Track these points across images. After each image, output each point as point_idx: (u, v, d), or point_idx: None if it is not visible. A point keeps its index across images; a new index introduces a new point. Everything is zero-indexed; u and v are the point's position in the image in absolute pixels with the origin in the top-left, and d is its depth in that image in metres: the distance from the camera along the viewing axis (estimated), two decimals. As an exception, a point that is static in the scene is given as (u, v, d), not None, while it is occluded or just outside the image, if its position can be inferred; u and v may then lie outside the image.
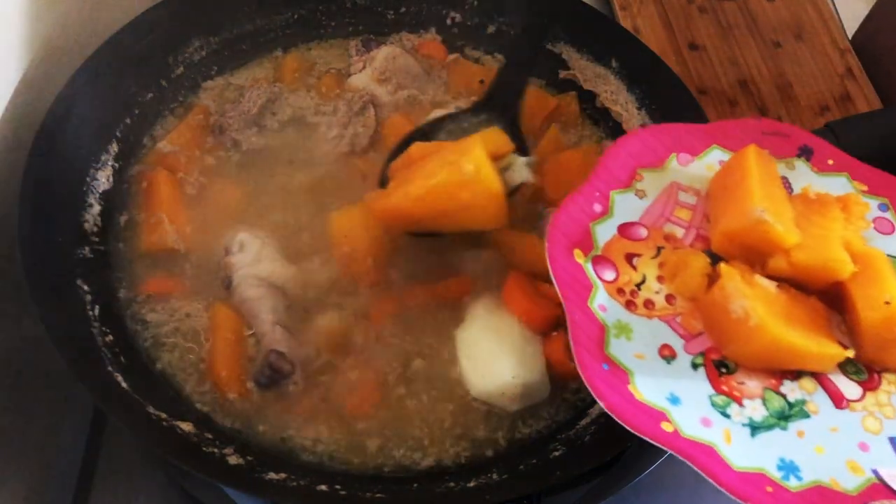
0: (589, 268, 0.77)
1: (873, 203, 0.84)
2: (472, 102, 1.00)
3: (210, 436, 0.80)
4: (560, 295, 0.74)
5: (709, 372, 0.73)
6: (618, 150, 0.84)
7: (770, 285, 0.75)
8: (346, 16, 1.11)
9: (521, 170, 0.89)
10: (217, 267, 0.90)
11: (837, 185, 0.86)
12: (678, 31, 1.36)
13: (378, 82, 1.05)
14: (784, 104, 1.28)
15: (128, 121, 0.98)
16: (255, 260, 0.88)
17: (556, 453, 0.81)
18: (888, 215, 0.84)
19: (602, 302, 0.75)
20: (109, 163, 0.95)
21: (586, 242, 0.78)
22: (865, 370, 0.75)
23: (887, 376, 0.75)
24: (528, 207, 0.96)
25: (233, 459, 0.78)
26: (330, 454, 0.82)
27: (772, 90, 1.30)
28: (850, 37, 1.38)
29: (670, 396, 0.70)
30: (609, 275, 0.77)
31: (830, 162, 0.87)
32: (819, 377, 0.74)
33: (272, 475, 0.77)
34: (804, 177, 0.86)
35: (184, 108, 1.03)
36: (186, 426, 0.79)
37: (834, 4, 1.42)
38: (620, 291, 0.76)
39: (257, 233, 0.91)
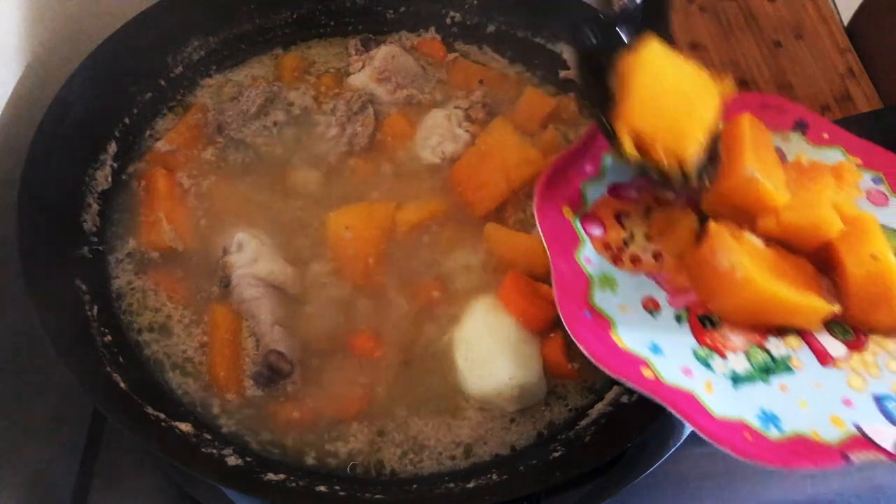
0: (577, 224, 0.79)
1: (867, 175, 0.86)
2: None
3: (209, 436, 0.80)
4: (546, 246, 0.76)
5: (693, 325, 0.75)
6: None
7: (758, 242, 0.76)
8: (346, 15, 1.11)
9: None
10: (215, 266, 0.90)
11: (832, 157, 0.87)
12: (679, 30, 1.36)
13: (377, 81, 1.04)
14: (784, 104, 1.28)
15: (126, 120, 0.97)
16: (253, 259, 0.88)
17: (556, 454, 0.81)
18: (882, 188, 0.85)
19: (588, 255, 0.77)
20: (108, 162, 0.94)
21: (576, 200, 0.81)
22: (852, 331, 0.76)
23: (874, 338, 0.76)
24: (526, 208, 0.96)
25: (232, 460, 0.78)
26: (329, 454, 0.82)
27: (772, 90, 1.30)
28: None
29: (652, 346, 0.72)
30: (597, 231, 0.79)
31: (825, 135, 0.89)
32: (805, 335, 0.76)
33: (271, 476, 0.77)
34: (798, 147, 0.88)
35: (182, 108, 1.03)
36: (185, 426, 0.79)
37: (834, 4, 1.42)
38: (607, 247, 0.78)
39: (255, 232, 0.91)
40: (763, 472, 0.94)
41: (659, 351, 0.72)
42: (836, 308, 0.74)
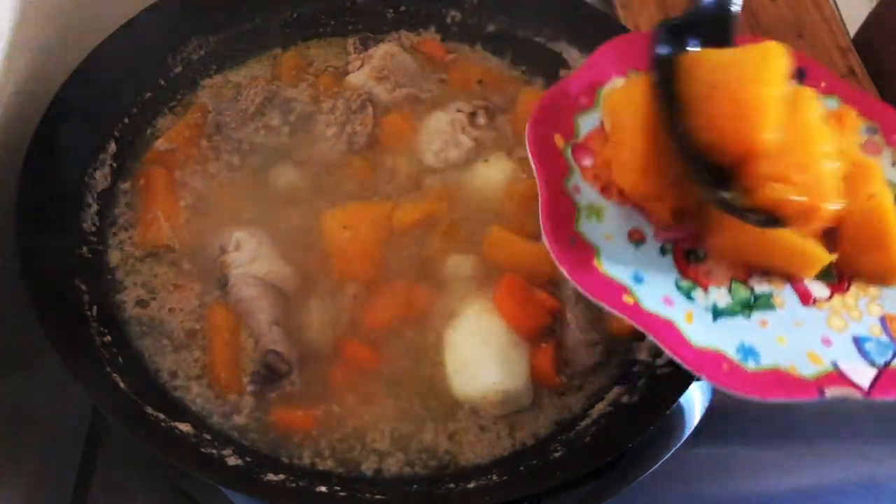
0: (568, 153, 0.78)
1: (863, 125, 0.85)
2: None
3: (208, 436, 0.80)
4: (535, 170, 0.75)
5: (677, 258, 0.75)
6: (609, 49, 0.84)
7: None
8: (346, 15, 1.11)
9: None
10: (214, 266, 0.90)
11: (828, 106, 0.86)
12: (679, 29, 1.35)
13: (376, 80, 1.04)
14: (785, 103, 1.28)
15: (126, 120, 0.97)
16: (251, 259, 0.88)
17: (556, 454, 0.81)
18: (876, 138, 0.85)
19: (577, 183, 0.77)
20: (108, 162, 0.94)
21: (568, 130, 0.80)
22: (836, 275, 0.76)
23: (857, 282, 0.76)
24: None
25: (231, 460, 0.78)
26: (328, 455, 0.82)
27: (772, 89, 1.29)
28: (851, 36, 1.37)
29: (634, 275, 0.73)
30: (587, 161, 0.78)
31: (823, 84, 0.87)
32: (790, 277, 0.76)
33: (271, 476, 0.77)
34: None
35: (182, 107, 1.03)
36: (185, 427, 0.79)
37: (835, 4, 1.41)
38: (597, 178, 0.78)
39: (254, 231, 0.91)
40: (762, 472, 0.94)
41: (641, 280, 0.72)
42: (833, 258, 0.73)
